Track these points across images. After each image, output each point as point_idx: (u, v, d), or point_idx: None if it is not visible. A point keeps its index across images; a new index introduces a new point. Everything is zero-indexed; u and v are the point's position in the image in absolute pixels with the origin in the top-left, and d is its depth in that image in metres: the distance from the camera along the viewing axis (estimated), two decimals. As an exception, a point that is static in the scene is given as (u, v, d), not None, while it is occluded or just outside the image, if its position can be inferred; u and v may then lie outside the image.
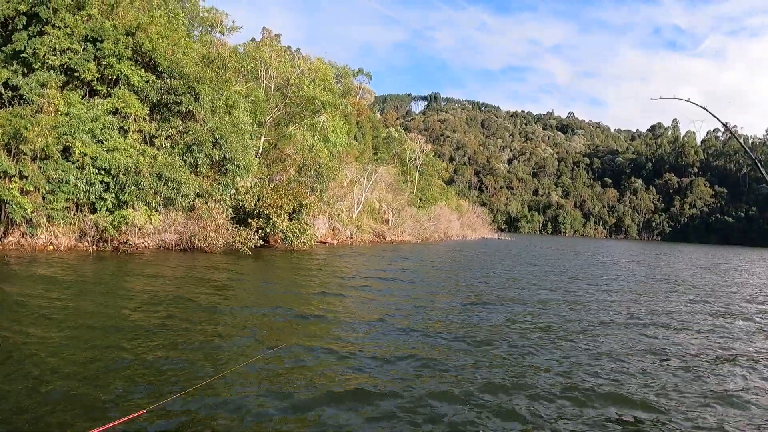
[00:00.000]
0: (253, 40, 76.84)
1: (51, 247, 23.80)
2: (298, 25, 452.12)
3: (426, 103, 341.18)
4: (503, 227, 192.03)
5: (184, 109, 26.91)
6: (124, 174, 24.66)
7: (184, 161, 27.07)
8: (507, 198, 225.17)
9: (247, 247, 28.50)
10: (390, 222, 63.72)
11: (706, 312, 18.77)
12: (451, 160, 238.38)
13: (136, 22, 26.36)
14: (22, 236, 23.79)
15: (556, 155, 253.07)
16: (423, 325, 13.50)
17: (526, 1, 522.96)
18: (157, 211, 26.05)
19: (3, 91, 24.38)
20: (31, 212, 22.72)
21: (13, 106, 24.33)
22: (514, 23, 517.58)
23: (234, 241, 28.71)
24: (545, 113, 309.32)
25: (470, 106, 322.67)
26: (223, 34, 66.40)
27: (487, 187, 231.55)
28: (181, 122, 27.29)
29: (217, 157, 28.35)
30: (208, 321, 12.38)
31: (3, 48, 25.08)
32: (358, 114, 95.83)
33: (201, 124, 27.54)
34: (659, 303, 20.59)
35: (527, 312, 16.51)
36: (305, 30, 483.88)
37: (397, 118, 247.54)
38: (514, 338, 12.55)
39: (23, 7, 24.55)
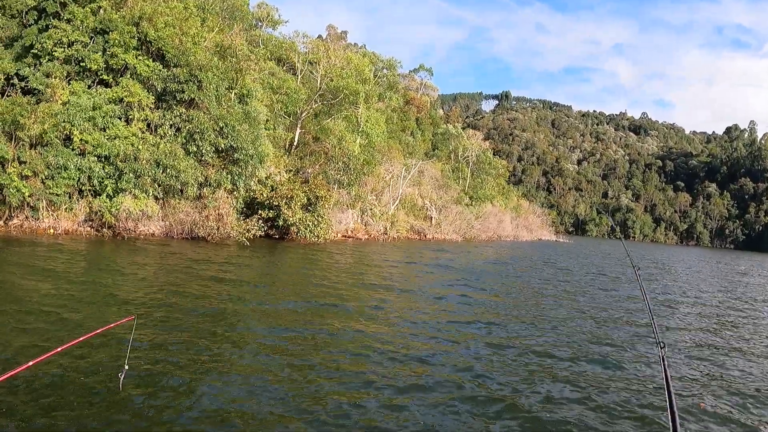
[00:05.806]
0: (319, 37, 77.70)
1: (51, 231, 24.36)
2: (361, 25, 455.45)
3: (497, 102, 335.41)
4: (570, 230, 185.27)
5: (187, 97, 26.91)
6: (122, 161, 24.94)
7: (187, 150, 27.10)
8: (575, 200, 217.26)
9: (244, 238, 28.18)
10: (433, 219, 62.32)
11: None
12: (520, 159, 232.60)
13: (140, 12, 26.62)
14: (26, 219, 24.52)
15: (627, 157, 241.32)
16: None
17: (583, 0, 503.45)
18: (156, 198, 26.20)
19: (17, 82, 25.24)
20: (29, 196, 23.31)
21: (27, 96, 25.17)
22: (573, 22, 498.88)
23: (235, 232, 28.47)
24: (618, 113, 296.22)
25: (541, 106, 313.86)
26: (274, 28, 67.63)
27: (555, 188, 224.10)
28: (184, 110, 27.28)
29: (223, 146, 28.20)
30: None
31: (15, 42, 26.03)
32: (418, 110, 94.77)
33: (204, 112, 27.48)
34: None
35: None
36: (367, 30, 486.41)
37: (466, 116, 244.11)
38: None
39: (31, 2, 25.30)
